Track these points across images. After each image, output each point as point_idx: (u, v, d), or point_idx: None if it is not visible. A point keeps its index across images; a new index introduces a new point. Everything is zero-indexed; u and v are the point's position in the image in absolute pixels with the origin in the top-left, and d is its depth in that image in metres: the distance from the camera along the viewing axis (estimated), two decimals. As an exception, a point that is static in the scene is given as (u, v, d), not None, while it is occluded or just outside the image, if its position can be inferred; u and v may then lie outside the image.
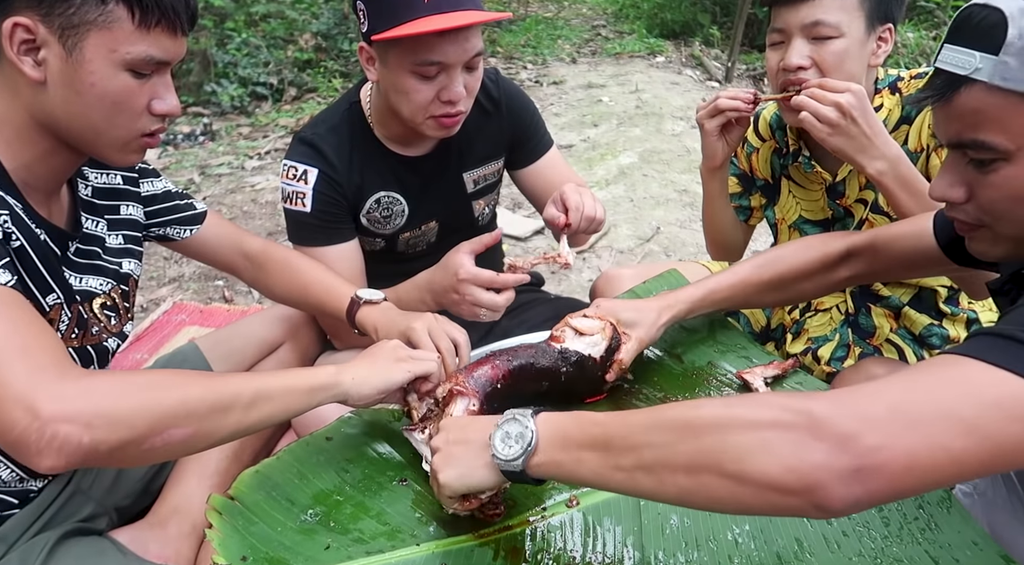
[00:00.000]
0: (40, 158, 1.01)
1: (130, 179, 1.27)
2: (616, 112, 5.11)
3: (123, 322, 1.21)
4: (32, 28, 0.92)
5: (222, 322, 2.53)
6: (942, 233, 1.10)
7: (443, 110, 1.33)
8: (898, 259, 1.18)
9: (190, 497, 1.29)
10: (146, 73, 0.98)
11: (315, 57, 5.81)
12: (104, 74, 0.95)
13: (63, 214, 1.11)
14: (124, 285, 1.21)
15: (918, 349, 1.50)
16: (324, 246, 1.48)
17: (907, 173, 1.24)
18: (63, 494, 1.17)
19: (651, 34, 7.37)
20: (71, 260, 1.10)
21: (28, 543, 1.08)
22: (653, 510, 0.99)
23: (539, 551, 0.94)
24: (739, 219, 1.70)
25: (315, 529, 0.96)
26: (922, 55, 5.39)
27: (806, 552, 0.92)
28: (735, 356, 1.30)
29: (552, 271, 1.35)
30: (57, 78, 0.94)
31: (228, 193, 4.03)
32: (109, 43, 0.93)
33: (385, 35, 1.25)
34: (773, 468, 0.65)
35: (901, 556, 0.90)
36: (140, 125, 1.01)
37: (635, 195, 3.82)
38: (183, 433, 0.86)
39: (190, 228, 1.37)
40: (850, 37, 1.31)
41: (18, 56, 0.93)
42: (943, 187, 0.88)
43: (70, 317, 1.06)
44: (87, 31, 0.92)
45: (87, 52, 0.93)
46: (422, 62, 1.27)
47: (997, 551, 0.90)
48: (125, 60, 0.95)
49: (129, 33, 0.94)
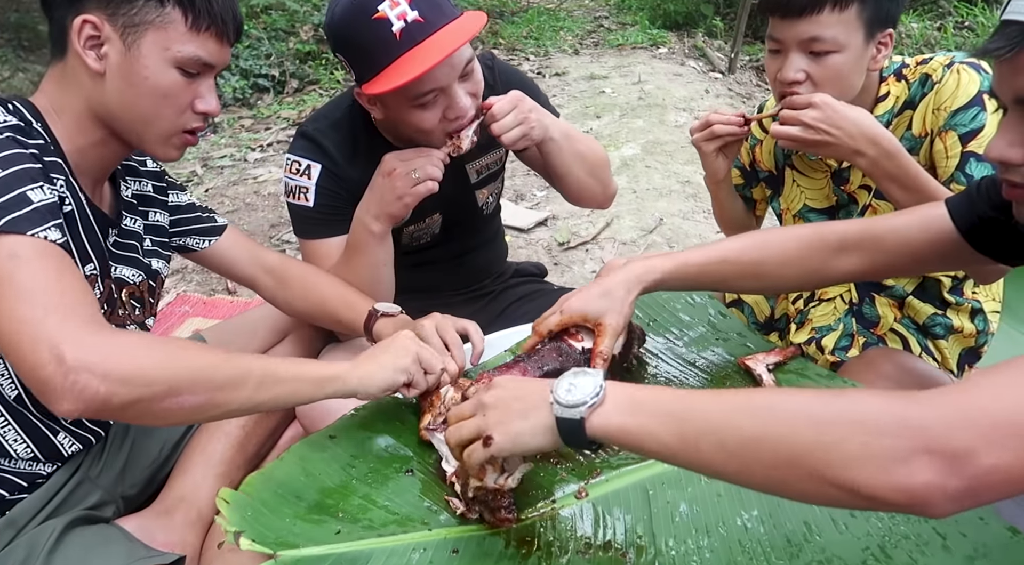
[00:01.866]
0: (92, 145, 1.10)
1: (159, 188, 1.33)
2: (619, 103, 5.10)
3: (146, 315, 1.26)
4: (99, 25, 1.02)
5: (225, 314, 2.53)
6: (962, 219, 1.06)
7: (455, 126, 1.33)
8: (904, 250, 1.11)
9: (196, 486, 1.30)
10: (193, 73, 1.08)
11: (317, 49, 5.79)
12: (157, 69, 1.05)
13: (106, 205, 1.19)
14: (153, 281, 1.28)
15: (922, 339, 1.50)
16: (328, 238, 1.48)
17: (895, 168, 1.24)
18: (71, 481, 1.18)
19: (654, 25, 7.33)
20: (110, 248, 1.17)
21: (36, 529, 1.09)
22: (662, 499, 0.99)
23: (550, 541, 0.94)
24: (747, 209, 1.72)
25: (324, 519, 0.97)
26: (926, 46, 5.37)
27: (815, 534, 0.92)
28: (735, 344, 1.30)
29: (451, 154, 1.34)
30: (115, 71, 1.04)
31: (230, 185, 4.03)
32: (163, 42, 1.04)
33: (376, 90, 1.25)
34: (880, 482, 0.62)
35: (908, 533, 0.91)
36: (183, 120, 1.10)
37: (638, 186, 3.81)
38: (196, 400, 0.92)
39: (210, 239, 1.41)
40: (849, 50, 1.30)
41: (83, 50, 1.02)
42: (1002, 147, 0.83)
43: (102, 291, 1.12)
44: (145, 30, 1.03)
45: (143, 49, 1.03)
46: (418, 96, 1.27)
47: (1003, 525, 0.90)
48: (176, 58, 1.05)
49: (182, 34, 1.04)
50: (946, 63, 1.34)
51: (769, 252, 1.15)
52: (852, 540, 0.91)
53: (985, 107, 1.29)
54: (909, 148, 1.40)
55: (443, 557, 0.91)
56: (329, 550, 0.89)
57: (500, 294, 1.79)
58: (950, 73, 1.33)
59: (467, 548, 0.93)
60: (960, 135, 1.31)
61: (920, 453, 0.60)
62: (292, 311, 1.49)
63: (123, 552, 1.08)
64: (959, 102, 1.31)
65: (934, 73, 1.35)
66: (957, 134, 1.31)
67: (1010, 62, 0.78)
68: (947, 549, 0.89)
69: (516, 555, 0.92)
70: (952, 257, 1.10)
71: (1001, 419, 0.60)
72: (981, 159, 1.27)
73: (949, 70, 1.33)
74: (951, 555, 0.88)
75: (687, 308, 1.39)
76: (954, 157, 1.31)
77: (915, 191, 1.23)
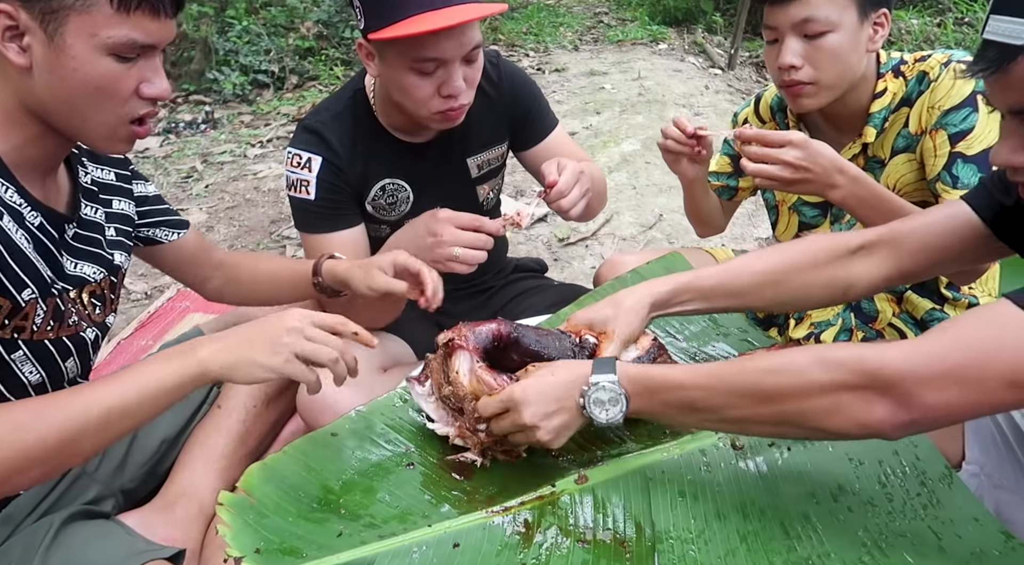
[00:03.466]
0: (30, 141, 1.00)
1: (123, 176, 1.27)
2: (618, 99, 5.10)
3: (107, 313, 1.20)
4: (13, 14, 0.91)
5: (224, 308, 2.53)
6: (985, 211, 1.07)
7: (445, 105, 1.33)
8: (927, 249, 1.10)
9: (197, 481, 1.30)
10: (131, 57, 0.96)
11: (316, 45, 5.78)
12: (86, 59, 0.93)
13: (60, 198, 1.11)
14: (114, 276, 1.21)
15: (919, 333, 1.50)
16: (330, 232, 1.48)
17: (866, 192, 1.26)
18: (68, 476, 1.18)
19: (653, 21, 7.32)
20: (69, 244, 1.10)
21: (33, 525, 1.09)
22: (662, 487, 1.00)
23: (549, 528, 0.95)
24: (722, 198, 1.73)
25: (326, 517, 0.97)
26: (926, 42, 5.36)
27: (813, 527, 0.93)
28: (736, 339, 1.31)
29: (507, 230, 1.32)
30: (42, 64, 0.93)
31: (230, 181, 4.03)
32: (89, 27, 0.92)
33: (381, 35, 1.24)
34: (847, 425, 0.81)
35: (905, 531, 0.92)
36: (127, 110, 0.99)
37: (637, 182, 3.81)
38: (43, 469, 0.88)
39: (177, 231, 1.38)
40: (843, 29, 1.31)
41: (2, 43, 0.92)
42: (1005, 153, 0.87)
43: (45, 310, 1.04)
44: (66, 16, 0.91)
45: (67, 37, 0.92)
46: (419, 58, 1.27)
47: (998, 527, 0.91)
48: (107, 44, 0.93)
49: (108, 17, 0.92)
50: (943, 61, 1.35)
51: (786, 257, 1.14)
52: (849, 534, 0.92)
53: (977, 108, 1.30)
54: (906, 146, 1.41)
55: (445, 552, 0.92)
56: (334, 560, 0.89)
57: (501, 289, 1.79)
58: (946, 72, 1.34)
59: (468, 541, 0.93)
60: (950, 135, 1.31)
61: (875, 396, 0.79)
62: (241, 296, 1.47)
63: (122, 546, 1.07)
64: (952, 102, 1.31)
65: (931, 71, 1.36)
66: (947, 133, 1.32)
67: (997, 80, 0.82)
68: (943, 550, 0.89)
69: (517, 545, 0.93)
70: (974, 251, 1.10)
71: (941, 365, 0.76)
72: (968, 160, 1.28)
73: (945, 69, 1.34)
74: (946, 556, 0.89)
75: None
76: (942, 156, 1.32)
77: (887, 212, 1.24)
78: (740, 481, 1.00)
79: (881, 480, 0.99)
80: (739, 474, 1.02)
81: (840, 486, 0.98)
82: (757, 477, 1.01)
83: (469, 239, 1.25)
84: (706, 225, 1.75)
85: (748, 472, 1.02)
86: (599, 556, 0.91)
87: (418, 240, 1.29)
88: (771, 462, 1.03)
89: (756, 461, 1.03)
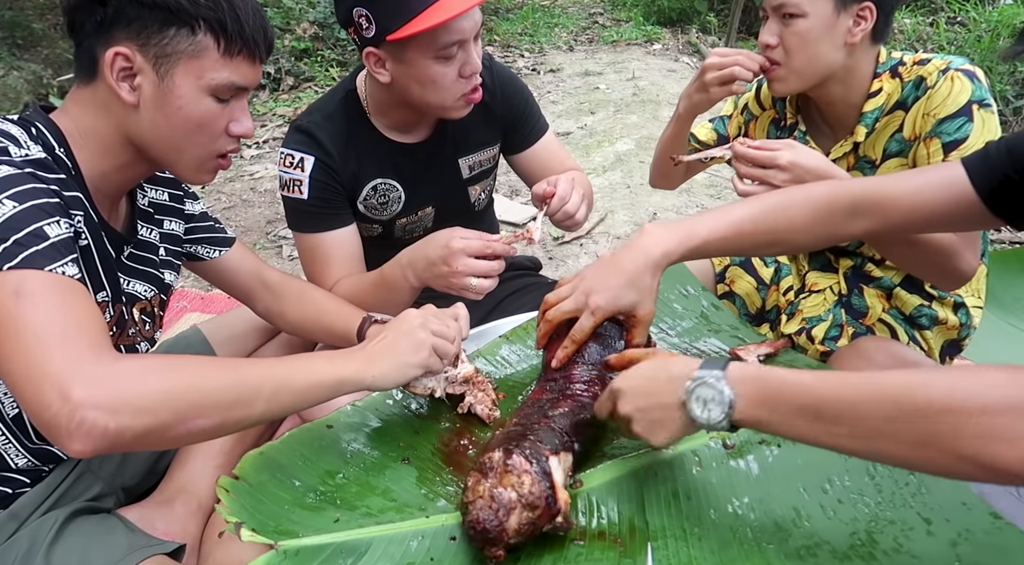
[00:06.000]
0: (117, 169, 1.08)
1: (176, 197, 1.32)
2: (613, 99, 5.12)
3: (155, 329, 1.25)
4: (130, 57, 0.99)
5: (223, 308, 2.54)
6: (982, 181, 1.04)
7: (469, 85, 1.37)
8: (919, 210, 1.09)
9: (195, 477, 1.32)
10: (226, 98, 1.05)
11: (312, 46, 5.79)
12: (190, 99, 1.02)
13: (120, 220, 1.18)
14: (164, 294, 1.27)
15: (909, 329, 1.53)
16: (322, 232, 1.49)
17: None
18: (72, 474, 1.20)
19: (648, 21, 7.36)
20: (124, 264, 1.16)
21: (38, 520, 1.11)
22: (655, 489, 1.01)
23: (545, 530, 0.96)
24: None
25: (323, 506, 0.98)
26: (919, 41, 5.39)
27: (804, 519, 0.94)
28: (727, 336, 1.32)
29: (520, 245, 1.35)
30: (149, 102, 1.02)
31: (227, 181, 4.04)
32: (196, 70, 1.01)
33: (403, 33, 1.25)
34: (1013, 458, 0.66)
35: (894, 518, 0.93)
36: (217, 145, 1.09)
37: (632, 181, 3.83)
38: (207, 423, 0.87)
39: (219, 249, 1.41)
40: (814, 17, 1.34)
41: (116, 82, 1.00)
42: None
43: (112, 315, 1.11)
44: (178, 59, 1.00)
45: (176, 78, 1.01)
46: (444, 46, 1.29)
47: (986, 509, 0.92)
48: (210, 86, 1.02)
49: (215, 61, 1.02)
50: (942, 68, 1.35)
51: (783, 219, 1.14)
52: (840, 525, 0.93)
53: (972, 118, 1.30)
54: (899, 150, 1.41)
55: (442, 544, 0.93)
56: (329, 539, 0.90)
57: (496, 287, 1.80)
58: (944, 79, 1.33)
59: (465, 536, 0.94)
60: (944, 144, 1.32)
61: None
62: (285, 324, 1.47)
63: (124, 541, 1.09)
64: (948, 110, 1.32)
65: (929, 77, 1.36)
66: (941, 142, 1.32)
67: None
68: (931, 534, 0.91)
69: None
70: (965, 219, 1.08)
71: None
72: None
73: (944, 76, 1.34)
74: (935, 540, 0.90)
75: (680, 299, 1.41)
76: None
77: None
78: (731, 479, 1.01)
79: (870, 472, 1.00)
80: (731, 472, 1.03)
81: (829, 479, 1.00)
82: (748, 474, 1.03)
83: (483, 269, 1.28)
84: (666, 177, 1.82)
85: (740, 470, 1.03)
86: (593, 549, 0.92)
87: (433, 268, 1.31)
88: (762, 460, 1.04)
89: (747, 459, 1.05)
